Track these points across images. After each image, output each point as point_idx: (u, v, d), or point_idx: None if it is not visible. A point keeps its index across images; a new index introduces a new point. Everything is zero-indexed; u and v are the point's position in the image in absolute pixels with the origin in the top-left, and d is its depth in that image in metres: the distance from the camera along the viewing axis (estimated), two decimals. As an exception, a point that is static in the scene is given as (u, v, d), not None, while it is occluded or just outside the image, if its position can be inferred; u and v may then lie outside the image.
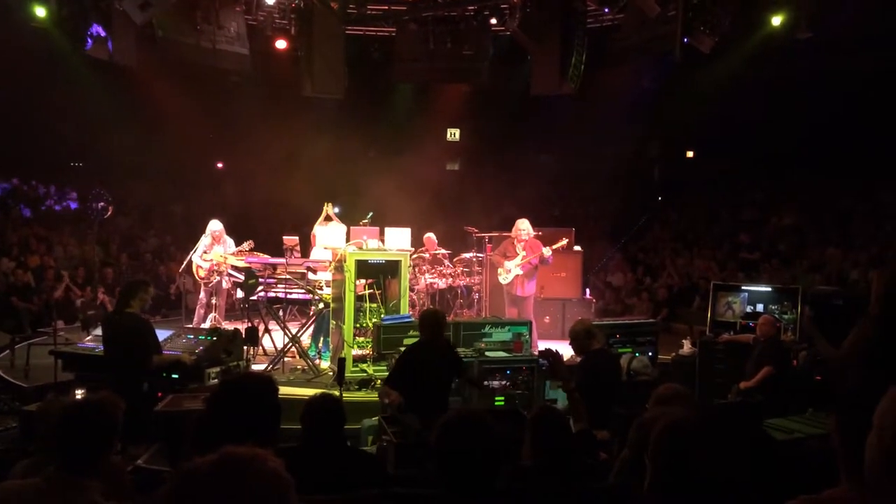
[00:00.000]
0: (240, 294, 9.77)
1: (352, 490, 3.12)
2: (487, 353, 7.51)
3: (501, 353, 7.59)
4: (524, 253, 9.59)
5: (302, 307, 9.84)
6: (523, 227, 9.69)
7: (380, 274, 8.55)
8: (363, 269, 8.27)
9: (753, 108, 15.74)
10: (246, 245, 9.88)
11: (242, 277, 9.63)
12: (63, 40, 10.79)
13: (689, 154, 20.48)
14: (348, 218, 10.16)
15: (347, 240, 8.95)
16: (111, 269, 13.33)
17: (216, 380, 6.93)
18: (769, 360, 7.46)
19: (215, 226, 10.07)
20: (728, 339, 8.58)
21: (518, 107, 15.59)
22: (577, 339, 6.08)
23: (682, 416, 1.80)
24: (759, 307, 8.97)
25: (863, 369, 3.95)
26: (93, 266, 12.44)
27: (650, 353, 8.57)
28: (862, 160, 15.16)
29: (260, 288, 9.10)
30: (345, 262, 8.10)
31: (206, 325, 9.59)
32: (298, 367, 8.82)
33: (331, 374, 8.13)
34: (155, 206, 17.73)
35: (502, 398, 7.22)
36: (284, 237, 9.86)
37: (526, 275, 9.61)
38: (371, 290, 8.59)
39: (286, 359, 8.93)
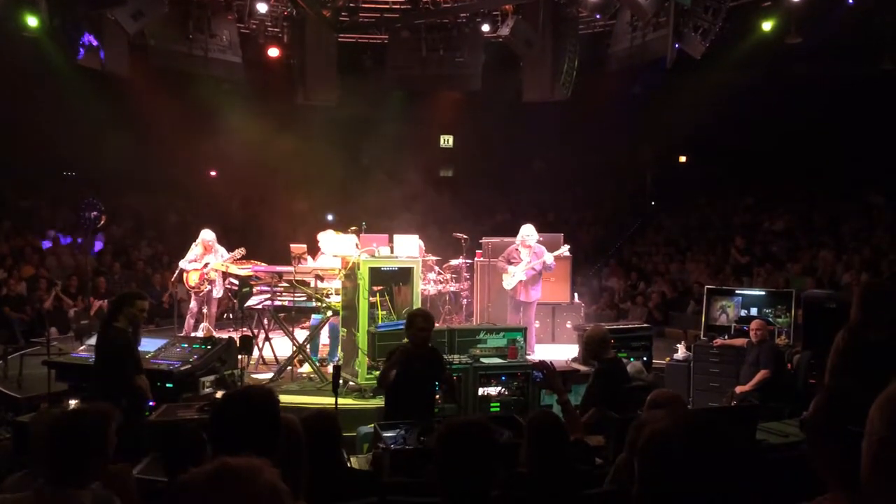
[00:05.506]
0: (249, 302, 9.71)
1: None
2: (482, 360, 7.50)
3: (496, 360, 7.59)
4: (529, 259, 9.62)
5: (294, 314, 9.76)
6: (528, 232, 9.72)
7: (390, 281, 8.53)
8: (375, 276, 8.23)
9: (745, 112, 15.81)
10: (237, 252, 9.86)
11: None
12: (55, 50, 10.80)
13: (682, 159, 20.56)
14: (341, 226, 10.15)
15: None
16: (104, 278, 13.28)
17: (210, 389, 6.91)
18: (765, 364, 7.49)
19: (207, 235, 10.05)
20: (722, 343, 8.59)
21: (511, 113, 15.62)
22: (592, 345, 6.08)
23: (667, 424, 1.80)
24: (753, 311, 9.00)
25: (841, 374, 3.99)
26: (86, 275, 12.41)
27: (645, 358, 8.61)
28: (853, 164, 15.25)
29: (267, 296, 9.06)
30: (358, 269, 8.09)
31: (199, 333, 9.57)
32: (305, 374, 8.81)
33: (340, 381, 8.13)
34: (148, 214, 17.69)
35: (497, 404, 7.22)
36: (291, 245, 9.84)
37: (529, 280, 9.64)
38: (381, 298, 8.53)
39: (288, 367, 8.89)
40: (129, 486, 3.19)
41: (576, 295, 11.60)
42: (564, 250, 10.17)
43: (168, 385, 6.82)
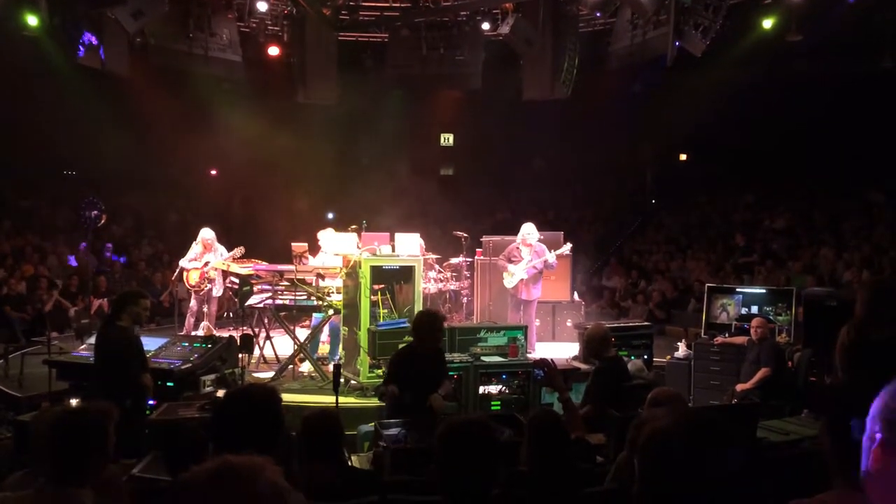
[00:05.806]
0: (250, 301, 9.71)
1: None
2: (483, 358, 7.50)
3: (497, 358, 7.58)
4: (529, 257, 9.62)
5: (295, 313, 9.75)
6: (529, 231, 9.73)
7: (391, 280, 8.53)
8: (376, 274, 8.21)
9: (745, 110, 15.80)
10: (237, 251, 9.86)
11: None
12: (55, 49, 10.80)
13: (683, 157, 20.55)
14: (341, 224, 10.14)
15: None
16: (104, 277, 13.28)
17: (211, 388, 6.92)
18: (765, 362, 7.49)
19: (207, 234, 10.05)
20: (723, 341, 8.59)
21: (511, 111, 15.62)
22: (592, 343, 6.08)
23: (668, 422, 1.80)
24: (754, 309, 9.00)
25: (847, 370, 4.00)
26: (86, 274, 12.40)
27: (645, 356, 8.61)
28: (853, 162, 15.24)
29: (268, 295, 9.05)
30: (359, 268, 8.08)
31: (200, 332, 9.57)
32: (305, 373, 8.81)
33: (342, 380, 8.12)
34: (148, 213, 17.70)
35: (498, 402, 7.23)
36: (293, 244, 9.83)
37: (530, 279, 9.66)
38: (383, 296, 8.50)
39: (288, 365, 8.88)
40: (122, 489, 3.19)
41: (576, 293, 11.61)
42: (566, 249, 10.19)
43: (169, 384, 6.82)
